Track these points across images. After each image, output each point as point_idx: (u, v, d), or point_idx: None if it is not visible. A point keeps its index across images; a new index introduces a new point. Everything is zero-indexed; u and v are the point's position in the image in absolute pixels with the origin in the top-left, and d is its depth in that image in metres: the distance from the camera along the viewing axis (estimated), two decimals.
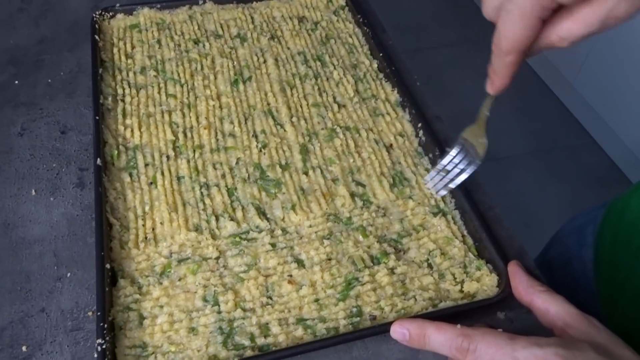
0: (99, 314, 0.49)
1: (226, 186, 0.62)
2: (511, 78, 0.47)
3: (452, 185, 0.60)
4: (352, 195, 0.62)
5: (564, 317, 0.46)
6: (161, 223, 0.58)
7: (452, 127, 0.71)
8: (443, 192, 0.61)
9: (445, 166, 0.60)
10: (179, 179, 0.62)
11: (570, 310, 0.46)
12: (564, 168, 1.99)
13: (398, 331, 0.47)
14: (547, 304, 0.48)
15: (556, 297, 0.48)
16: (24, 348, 0.50)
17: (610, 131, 1.94)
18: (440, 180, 0.61)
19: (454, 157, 0.59)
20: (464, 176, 0.59)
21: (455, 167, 0.59)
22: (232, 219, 0.59)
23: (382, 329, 0.49)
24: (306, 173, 0.64)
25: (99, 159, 0.60)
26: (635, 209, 0.65)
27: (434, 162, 0.65)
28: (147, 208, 0.59)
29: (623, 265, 0.65)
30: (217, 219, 0.59)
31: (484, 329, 0.44)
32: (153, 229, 0.58)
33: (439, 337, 0.45)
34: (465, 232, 0.59)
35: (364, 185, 0.63)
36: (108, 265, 0.53)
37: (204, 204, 0.60)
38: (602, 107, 1.96)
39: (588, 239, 0.73)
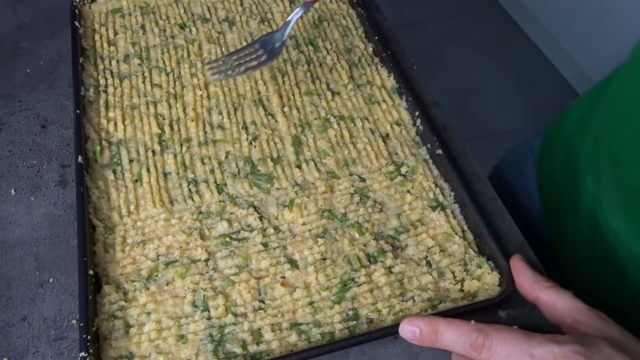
0: (82, 324, 0.46)
1: (215, 182, 0.59)
2: None
3: (230, 73, 0.60)
4: (349, 189, 0.59)
5: (573, 313, 0.45)
6: (147, 223, 0.55)
7: (452, 110, 0.68)
8: (217, 77, 0.62)
9: (233, 56, 0.61)
10: (165, 175, 0.59)
11: (578, 305, 0.45)
12: None
13: (408, 329, 0.44)
14: (554, 300, 0.46)
15: (563, 293, 0.46)
16: None
17: None
18: (221, 65, 0.61)
19: (246, 49, 0.60)
20: (247, 71, 0.60)
21: (245, 60, 0.60)
22: (222, 218, 0.56)
23: (379, 334, 0.47)
24: (299, 166, 0.61)
25: (80, 157, 0.57)
26: (568, 131, 0.63)
27: (432, 152, 0.62)
28: (132, 207, 0.56)
29: (566, 188, 0.63)
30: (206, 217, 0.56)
31: (497, 325, 0.43)
32: (139, 230, 0.55)
33: (451, 333, 0.43)
34: (465, 227, 0.57)
35: (363, 179, 0.60)
36: (91, 272, 0.50)
37: (193, 201, 0.57)
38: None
39: (530, 169, 0.72)
